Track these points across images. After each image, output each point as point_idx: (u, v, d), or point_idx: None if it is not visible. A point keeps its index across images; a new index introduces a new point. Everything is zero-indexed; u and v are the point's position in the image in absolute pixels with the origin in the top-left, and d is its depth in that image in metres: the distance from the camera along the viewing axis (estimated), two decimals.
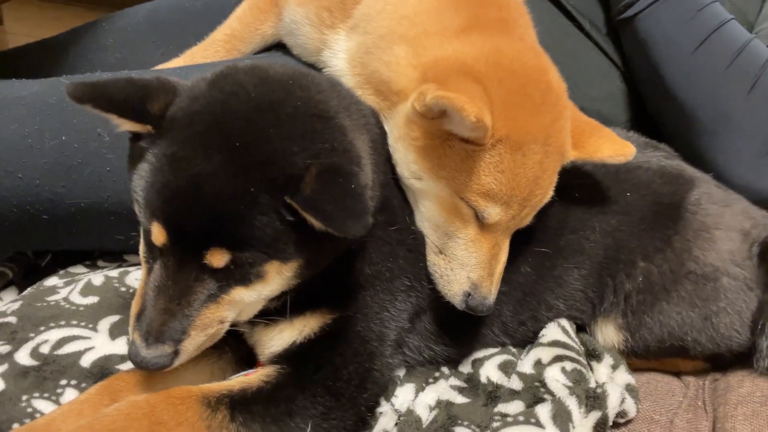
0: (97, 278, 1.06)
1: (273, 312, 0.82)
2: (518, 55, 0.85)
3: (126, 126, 0.73)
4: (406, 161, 0.86)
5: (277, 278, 0.75)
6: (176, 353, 0.73)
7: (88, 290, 1.03)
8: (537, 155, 0.83)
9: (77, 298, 1.02)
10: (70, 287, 1.04)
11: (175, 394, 0.75)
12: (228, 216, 0.69)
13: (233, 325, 0.86)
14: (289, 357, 0.82)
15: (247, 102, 0.73)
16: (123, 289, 1.05)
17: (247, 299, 0.75)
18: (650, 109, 1.27)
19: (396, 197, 0.88)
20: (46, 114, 0.99)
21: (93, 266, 1.15)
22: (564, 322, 1.00)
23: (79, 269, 1.13)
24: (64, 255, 1.17)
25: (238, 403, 0.76)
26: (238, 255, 0.70)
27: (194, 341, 0.73)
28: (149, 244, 0.73)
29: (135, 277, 1.08)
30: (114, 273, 1.08)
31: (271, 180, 0.69)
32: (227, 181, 0.69)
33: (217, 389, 0.77)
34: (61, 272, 1.12)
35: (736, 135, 1.16)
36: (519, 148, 0.81)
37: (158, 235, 0.70)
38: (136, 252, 1.14)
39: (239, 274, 0.72)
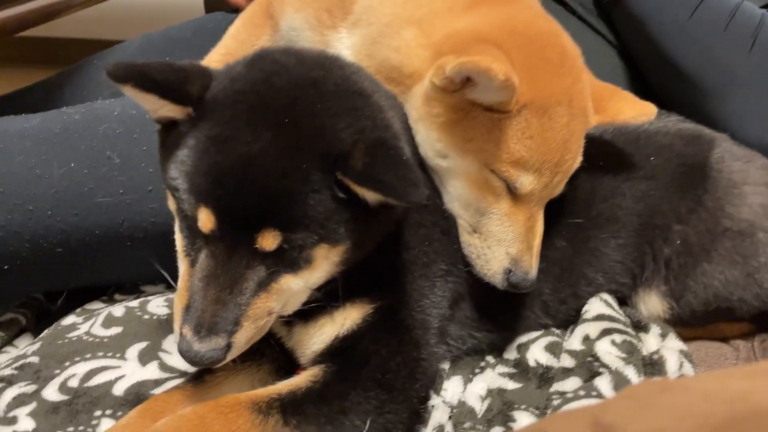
0: (118, 310, 1.02)
1: (311, 309, 0.79)
2: (531, 21, 0.84)
3: (165, 110, 0.71)
4: (429, 141, 0.84)
5: (324, 264, 0.72)
6: (228, 346, 0.69)
7: (109, 322, 0.99)
8: (563, 118, 0.81)
9: (99, 331, 0.97)
10: (90, 322, 1.00)
11: (224, 403, 0.71)
12: (280, 195, 0.66)
13: (270, 328, 0.83)
14: (333, 354, 0.78)
15: (289, 79, 0.71)
16: (146, 316, 1.01)
17: (294, 287, 0.72)
18: (653, 82, 1.26)
19: (427, 179, 0.86)
20: (51, 143, 0.96)
21: (110, 300, 1.11)
22: (605, 295, 0.97)
23: (96, 305, 1.09)
24: (78, 297, 1.13)
25: (289, 406, 0.72)
26: (289, 236, 0.67)
27: (246, 333, 0.70)
28: (192, 234, 0.70)
29: (157, 304, 1.04)
30: (134, 303, 1.04)
31: (322, 156, 0.67)
32: (279, 158, 0.66)
33: (266, 394, 0.73)
34: (78, 310, 1.08)
35: (744, 95, 1.15)
36: (545, 111, 0.80)
37: (206, 221, 0.67)
38: (154, 282, 1.12)
39: (289, 260, 0.69)
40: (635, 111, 0.91)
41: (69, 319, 1.03)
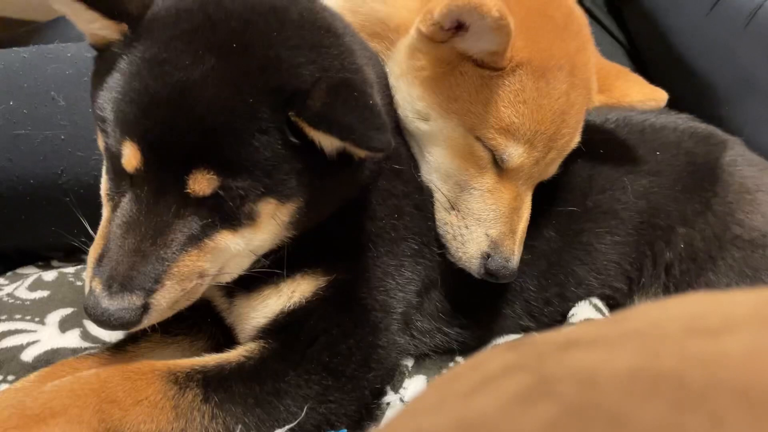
0: (49, 274, 0.91)
1: (257, 278, 0.68)
2: None
3: (96, 26, 0.60)
4: (410, 99, 0.74)
5: (270, 223, 0.61)
6: (146, 308, 0.57)
7: (37, 285, 0.88)
8: (563, 85, 0.71)
9: (23, 293, 0.86)
10: (16, 284, 0.89)
11: (133, 368, 0.59)
12: (219, 131, 0.56)
13: (209, 298, 0.72)
14: (276, 330, 0.67)
15: (245, 3, 0.61)
16: (79, 283, 0.90)
17: (233, 248, 0.61)
18: (663, 85, 1.17)
19: (402, 145, 0.76)
20: None
21: (47, 267, 0.99)
22: (596, 300, 0.86)
23: (28, 269, 0.98)
24: (8, 264, 1.01)
25: (213, 381, 0.61)
26: (228, 182, 0.56)
27: (168, 294, 0.58)
28: (117, 175, 0.60)
29: None
30: (70, 269, 0.93)
31: (273, 90, 0.57)
32: (221, 88, 0.56)
33: (188, 364, 0.62)
34: (9, 273, 0.97)
35: (763, 99, 1.06)
36: (542, 74, 0.70)
37: (131, 157, 0.56)
38: None
39: (227, 212, 0.59)
40: (644, 95, 0.82)
41: None
